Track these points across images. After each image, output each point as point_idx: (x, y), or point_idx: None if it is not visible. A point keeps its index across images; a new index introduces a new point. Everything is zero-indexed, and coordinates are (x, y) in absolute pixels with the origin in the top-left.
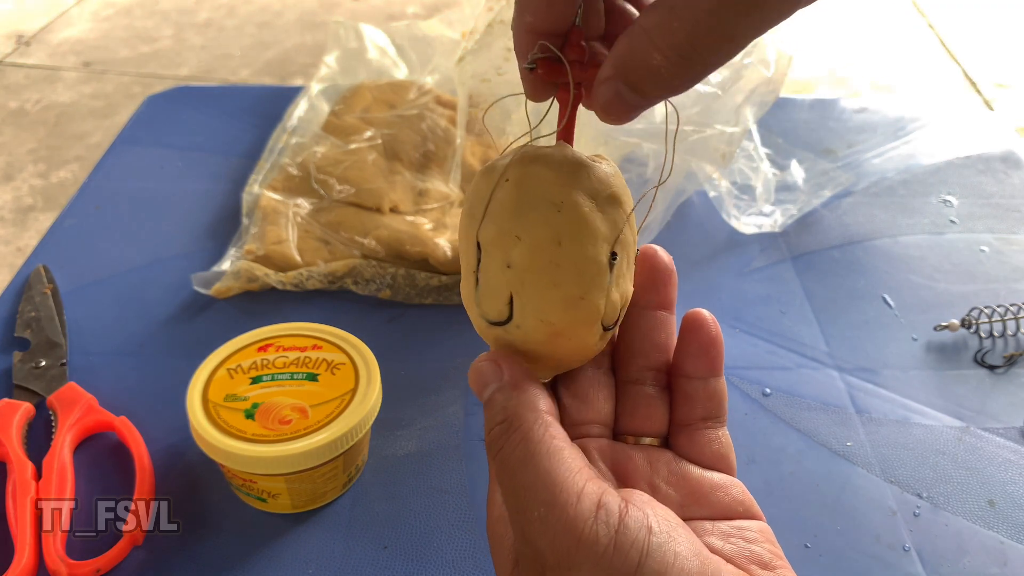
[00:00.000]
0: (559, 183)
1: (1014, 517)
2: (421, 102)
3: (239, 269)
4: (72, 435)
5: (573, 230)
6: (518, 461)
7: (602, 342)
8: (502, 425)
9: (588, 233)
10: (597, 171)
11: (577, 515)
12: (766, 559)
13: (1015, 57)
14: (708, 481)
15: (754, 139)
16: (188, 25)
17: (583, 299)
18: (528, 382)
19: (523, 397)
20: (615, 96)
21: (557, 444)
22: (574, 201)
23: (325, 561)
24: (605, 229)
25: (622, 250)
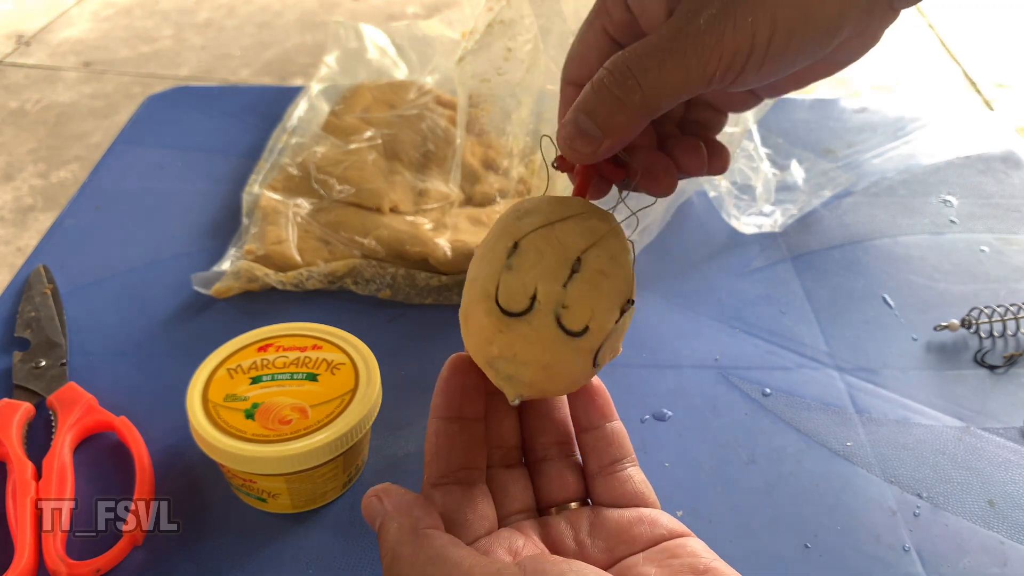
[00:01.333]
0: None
1: (1014, 517)
2: (421, 102)
3: (239, 269)
4: (72, 435)
5: (491, 233)
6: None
7: (560, 350)
8: (390, 555)
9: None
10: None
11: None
12: (700, 567)
13: (1015, 57)
14: (626, 519)
15: (754, 139)
16: (188, 25)
17: (474, 281)
18: (408, 507)
19: (403, 522)
20: (575, 126)
21: (444, 552)
22: (505, 215)
23: (325, 561)
24: (513, 228)
25: (588, 260)
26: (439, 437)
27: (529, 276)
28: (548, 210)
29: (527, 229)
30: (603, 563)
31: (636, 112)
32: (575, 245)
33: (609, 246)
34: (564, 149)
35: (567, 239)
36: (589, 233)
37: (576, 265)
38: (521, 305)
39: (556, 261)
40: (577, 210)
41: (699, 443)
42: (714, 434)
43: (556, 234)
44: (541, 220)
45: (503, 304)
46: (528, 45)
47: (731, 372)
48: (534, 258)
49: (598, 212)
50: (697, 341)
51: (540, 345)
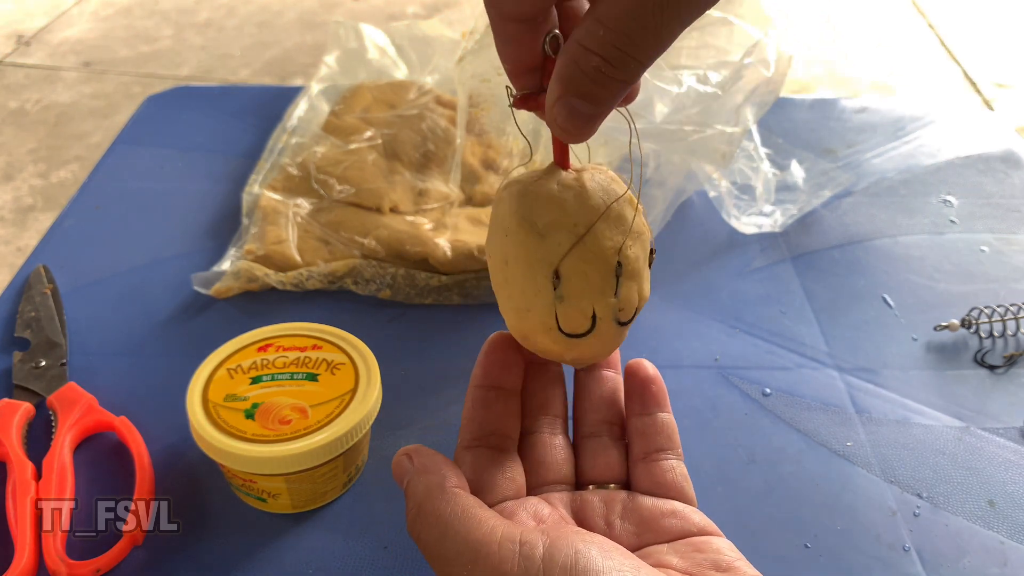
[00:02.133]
0: (509, 211)
1: (1014, 517)
2: (421, 102)
3: (239, 269)
4: (72, 435)
5: (515, 253)
6: (437, 538)
7: (619, 336)
8: (415, 510)
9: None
10: (551, 196)
11: (501, 559)
12: (723, 563)
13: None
14: (660, 510)
15: (754, 139)
16: (188, 25)
17: (528, 311)
18: (436, 466)
19: (431, 479)
20: (570, 112)
21: (468, 511)
22: (515, 227)
23: (325, 561)
24: (543, 252)
25: (625, 257)
26: (475, 403)
27: (584, 302)
28: (570, 217)
29: (560, 253)
30: (628, 546)
31: (632, 81)
32: (612, 252)
33: (632, 221)
34: (560, 133)
35: (602, 250)
36: (616, 228)
37: (619, 270)
38: (585, 327)
39: (602, 277)
40: (594, 202)
41: (699, 443)
42: (714, 434)
43: (591, 249)
44: (568, 237)
45: (568, 331)
46: None
47: (731, 372)
48: (581, 284)
49: (603, 187)
50: (697, 341)
51: (606, 343)
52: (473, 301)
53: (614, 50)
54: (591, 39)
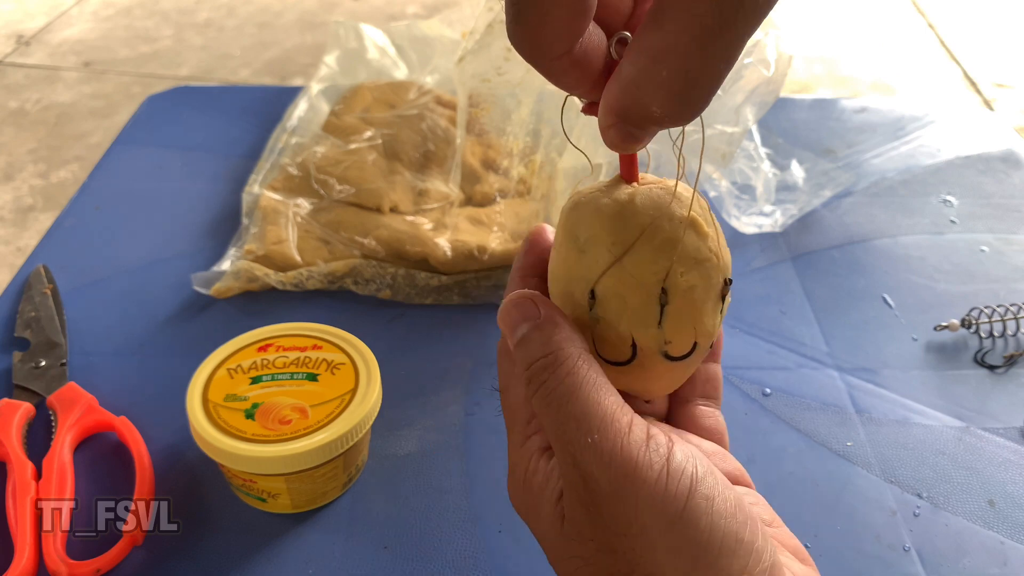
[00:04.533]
0: (560, 223)
1: (1014, 517)
2: (421, 102)
3: (239, 269)
4: (72, 435)
5: (557, 265)
6: (565, 393)
7: (672, 372)
8: (545, 359)
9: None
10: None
11: (631, 443)
12: (767, 518)
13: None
14: (706, 448)
15: (754, 139)
16: (188, 25)
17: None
18: (564, 320)
19: (564, 333)
20: (627, 136)
21: (602, 380)
22: (560, 239)
23: (325, 561)
24: (581, 268)
25: (673, 285)
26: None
27: (621, 327)
28: (609, 234)
29: (597, 271)
30: None
31: (694, 118)
32: (654, 278)
33: (688, 246)
34: (615, 149)
35: (642, 274)
36: (662, 252)
37: (663, 298)
38: (624, 355)
39: (641, 303)
40: (640, 220)
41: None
42: None
43: (629, 271)
44: (606, 255)
45: (605, 356)
46: None
47: (731, 372)
48: (618, 306)
49: (657, 204)
50: None
51: (655, 378)
52: (473, 301)
53: (678, 103)
54: (653, 88)
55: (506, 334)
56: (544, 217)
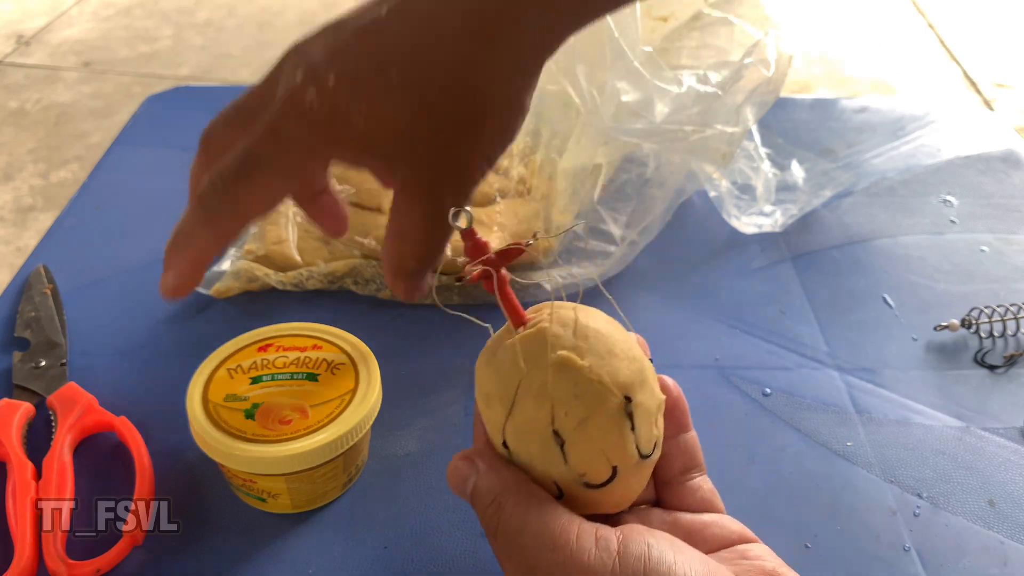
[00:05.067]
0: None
1: (1014, 517)
2: None
3: (239, 269)
4: (72, 435)
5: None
6: (517, 527)
7: (605, 496)
8: (494, 504)
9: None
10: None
11: (580, 549)
12: (768, 568)
13: (1015, 57)
14: (699, 522)
15: (755, 139)
16: (188, 25)
17: None
18: (503, 464)
19: (504, 475)
20: (407, 288)
21: (547, 504)
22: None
23: (325, 561)
24: (491, 422)
25: (562, 428)
26: None
27: (536, 471)
28: (497, 390)
29: (500, 424)
30: None
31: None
32: (542, 424)
33: (564, 386)
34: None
35: (531, 424)
36: (540, 400)
37: (559, 439)
38: (554, 492)
39: (541, 449)
40: (516, 374)
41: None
42: (714, 434)
43: (519, 423)
44: (501, 410)
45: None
46: None
47: (731, 372)
48: (525, 453)
49: (529, 352)
50: (697, 341)
51: (600, 502)
52: (473, 301)
53: (419, 262)
54: (396, 256)
55: (459, 495)
56: (544, 217)
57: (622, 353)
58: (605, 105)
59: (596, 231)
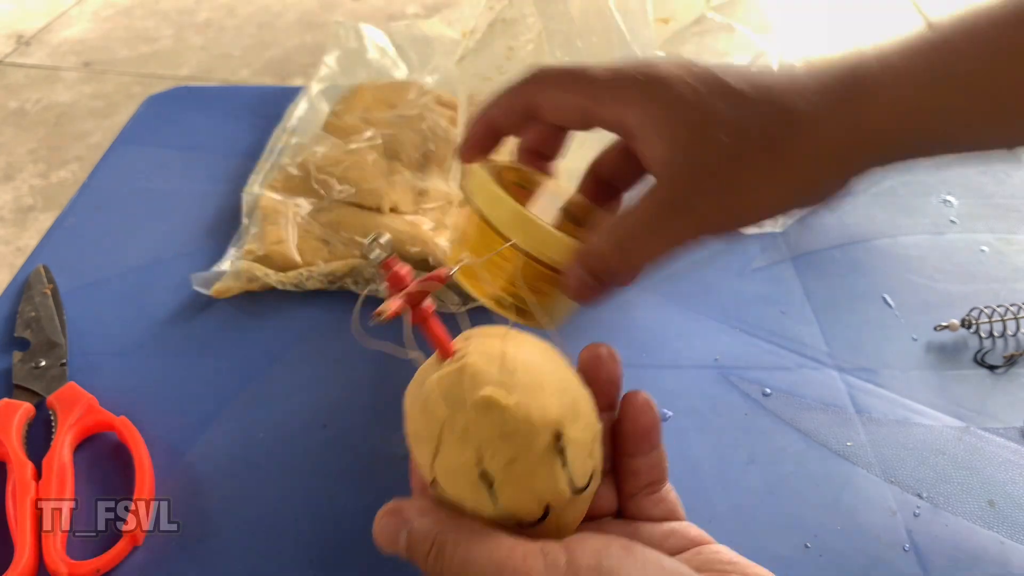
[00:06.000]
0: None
1: (1014, 517)
2: (421, 102)
3: (239, 269)
4: (72, 435)
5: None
6: (460, 565)
7: (539, 535)
8: (433, 548)
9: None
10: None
11: (528, 570)
12: (727, 559)
13: None
14: (660, 532)
15: None
16: (188, 25)
17: None
18: (434, 507)
19: (438, 515)
20: (577, 281)
21: (488, 535)
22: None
23: (325, 561)
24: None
25: (484, 473)
26: None
27: (466, 509)
28: (423, 429)
29: (428, 463)
30: None
31: (632, 278)
32: (469, 465)
33: (489, 426)
34: (571, 297)
35: (457, 466)
36: (465, 442)
37: (487, 480)
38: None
39: (469, 490)
40: (440, 415)
41: (699, 443)
42: (714, 434)
43: (445, 465)
44: (427, 450)
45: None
46: (530, 44)
47: (731, 372)
48: (454, 493)
49: (450, 392)
50: (697, 341)
51: (539, 535)
52: (473, 301)
53: (620, 249)
54: (608, 232)
55: (392, 551)
56: None
57: (552, 386)
58: None
59: None
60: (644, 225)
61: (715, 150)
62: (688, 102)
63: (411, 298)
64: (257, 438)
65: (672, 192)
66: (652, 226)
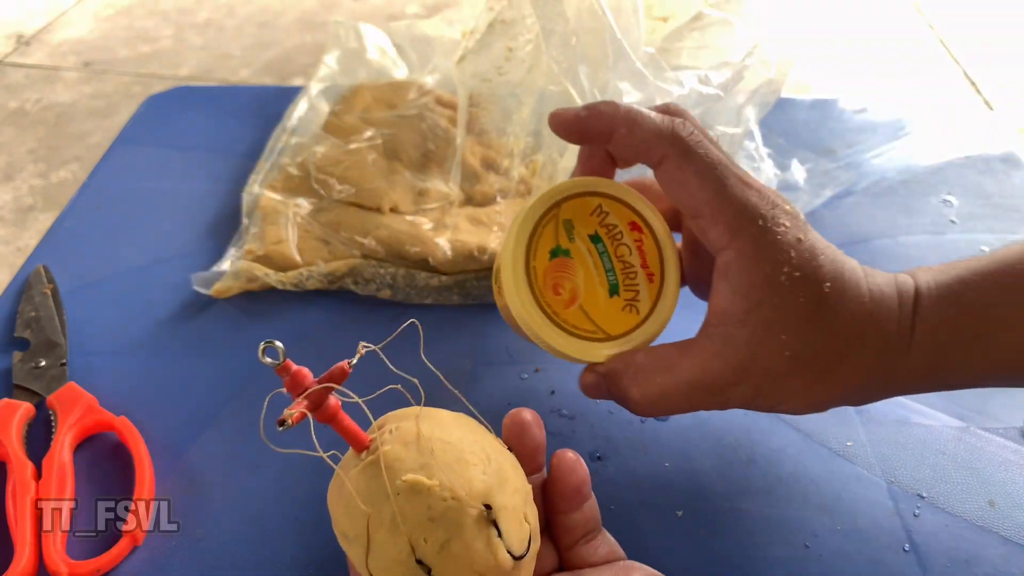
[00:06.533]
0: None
1: (1014, 517)
2: (421, 102)
3: (239, 269)
4: (72, 435)
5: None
6: None
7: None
8: None
9: None
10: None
11: None
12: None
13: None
14: (608, 574)
15: (756, 139)
16: (188, 25)
17: None
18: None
19: None
20: (594, 388)
21: None
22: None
23: (325, 561)
24: (353, 556)
25: (424, 555)
26: None
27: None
28: (351, 528)
29: (361, 561)
30: None
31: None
32: (402, 556)
33: (416, 512)
34: (581, 386)
35: (393, 558)
36: (394, 533)
37: (424, 568)
38: None
39: (402, 570)
40: (362, 510)
41: (699, 443)
42: (714, 434)
43: (380, 558)
44: (359, 548)
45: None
46: (529, 45)
47: None
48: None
49: (370, 485)
50: None
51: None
52: (473, 301)
53: (649, 404)
54: (642, 384)
55: None
56: None
57: (474, 457)
58: None
59: None
60: (680, 393)
61: (770, 356)
62: (775, 272)
63: (313, 400)
64: (257, 438)
65: (717, 375)
66: (686, 398)
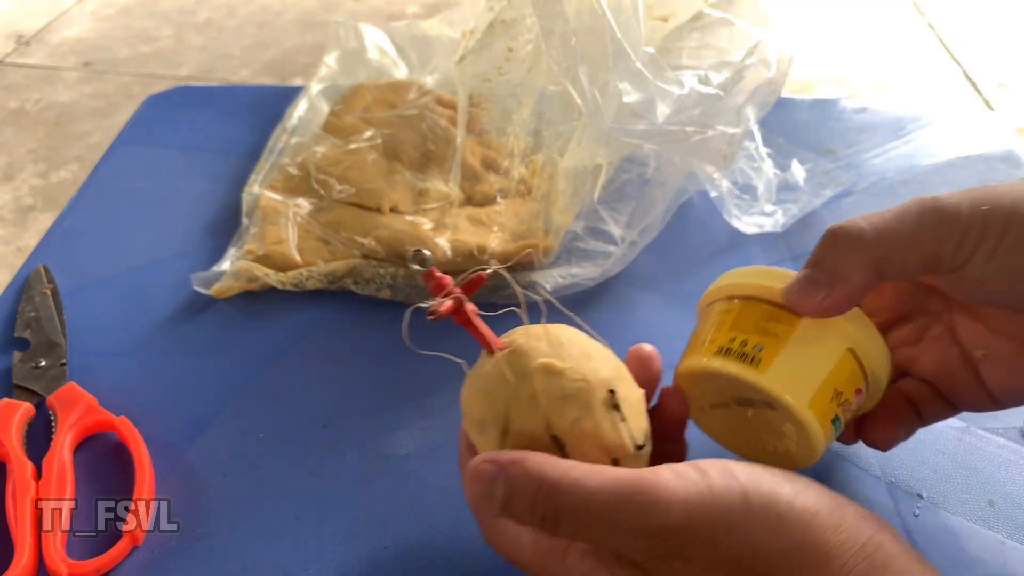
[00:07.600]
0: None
1: (1014, 517)
2: (421, 102)
3: (239, 269)
4: (72, 435)
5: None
6: (582, 502)
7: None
8: (539, 494)
9: None
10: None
11: (663, 483)
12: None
13: (1015, 57)
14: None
15: (756, 139)
16: (188, 25)
17: None
18: (524, 453)
19: (534, 461)
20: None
21: (592, 467)
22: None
23: (325, 562)
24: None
25: (561, 432)
26: None
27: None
28: (488, 412)
29: (495, 446)
30: None
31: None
32: (539, 432)
33: (551, 391)
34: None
35: (529, 436)
36: (532, 411)
37: (558, 444)
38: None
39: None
40: (503, 392)
41: (699, 443)
42: None
43: (517, 439)
44: (495, 432)
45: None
46: (530, 45)
47: None
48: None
49: (510, 369)
50: None
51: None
52: (473, 301)
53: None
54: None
55: (487, 508)
56: (544, 217)
57: (597, 355)
58: (607, 106)
59: (596, 231)
60: (605, 508)
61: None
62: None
63: (459, 298)
64: (257, 438)
65: None
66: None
